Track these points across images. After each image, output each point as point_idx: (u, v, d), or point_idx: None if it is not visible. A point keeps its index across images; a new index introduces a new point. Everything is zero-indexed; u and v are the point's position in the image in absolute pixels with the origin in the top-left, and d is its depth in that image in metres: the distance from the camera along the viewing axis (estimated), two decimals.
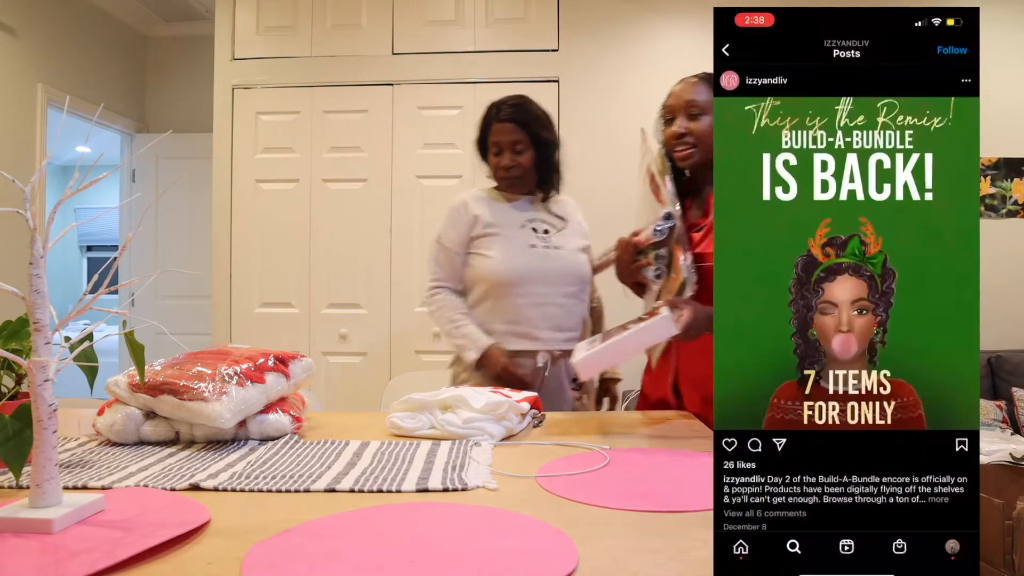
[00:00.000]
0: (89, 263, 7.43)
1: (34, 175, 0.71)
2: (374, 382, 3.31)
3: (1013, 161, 3.34)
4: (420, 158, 3.37)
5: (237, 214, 3.44)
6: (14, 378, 0.97)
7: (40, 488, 0.70)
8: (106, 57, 4.16)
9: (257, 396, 1.13)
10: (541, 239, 1.75)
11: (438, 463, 0.97)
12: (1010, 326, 3.32)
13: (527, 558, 0.63)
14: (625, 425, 1.30)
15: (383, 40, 3.42)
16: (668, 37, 3.39)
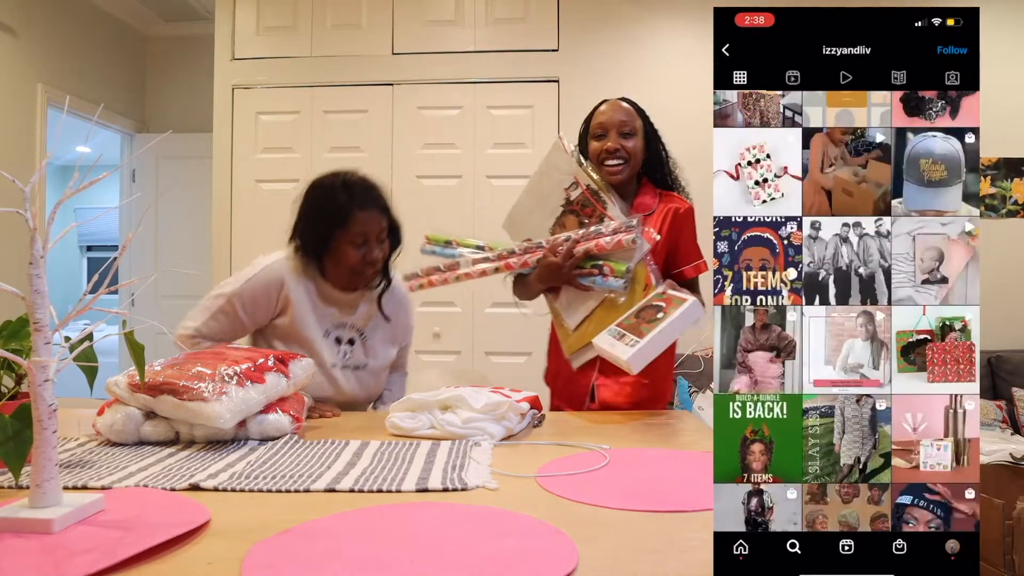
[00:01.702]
0: (89, 263, 7.42)
1: (34, 175, 0.71)
2: None
3: (1013, 161, 3.34)
4: (420, 158, 3.37)
5: (237, 214, 3.44)
6: (14, 378, 0.97)
7: (40, 488, 0.70)
8: (106, 57, 4.15)
9: (257, 396, 1.13)
10: (341, 356, 1.54)
11: (438, 463, 0.97)
12: (1010, 326, 3.32)
13: (527, 558, 0.63)
14: (625, 425, 1.30)
15: (383, 40, 3.42)
16: (668, 37, 3.39)
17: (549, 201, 1.55)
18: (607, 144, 1.53)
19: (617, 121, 1.55)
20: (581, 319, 1.52)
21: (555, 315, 1.59)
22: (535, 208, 1.58)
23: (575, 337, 1.53)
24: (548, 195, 1.55)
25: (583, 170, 1.51)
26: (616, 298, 1.46)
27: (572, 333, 1.54)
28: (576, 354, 1.54)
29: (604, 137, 1.55)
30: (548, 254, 1.47)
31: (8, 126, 3.37)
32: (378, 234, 1.54)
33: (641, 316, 1.36)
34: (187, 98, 4.45)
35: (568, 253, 1.44)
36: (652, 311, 1.34)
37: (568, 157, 1.52)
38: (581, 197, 1.51)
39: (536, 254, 1.50)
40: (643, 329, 1.31)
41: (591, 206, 1.50)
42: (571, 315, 1.53)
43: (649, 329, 1.29)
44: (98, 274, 0.78)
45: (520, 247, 1.54)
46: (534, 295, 1.60)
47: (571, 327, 1.54)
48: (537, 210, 1.57)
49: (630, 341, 1.30)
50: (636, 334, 1.31)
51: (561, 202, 1.54)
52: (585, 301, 1.51)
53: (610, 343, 1.35)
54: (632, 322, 1.36)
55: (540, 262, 1.49)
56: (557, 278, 1.48)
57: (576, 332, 1.53)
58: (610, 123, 1.55)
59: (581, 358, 1.54)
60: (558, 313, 1.57)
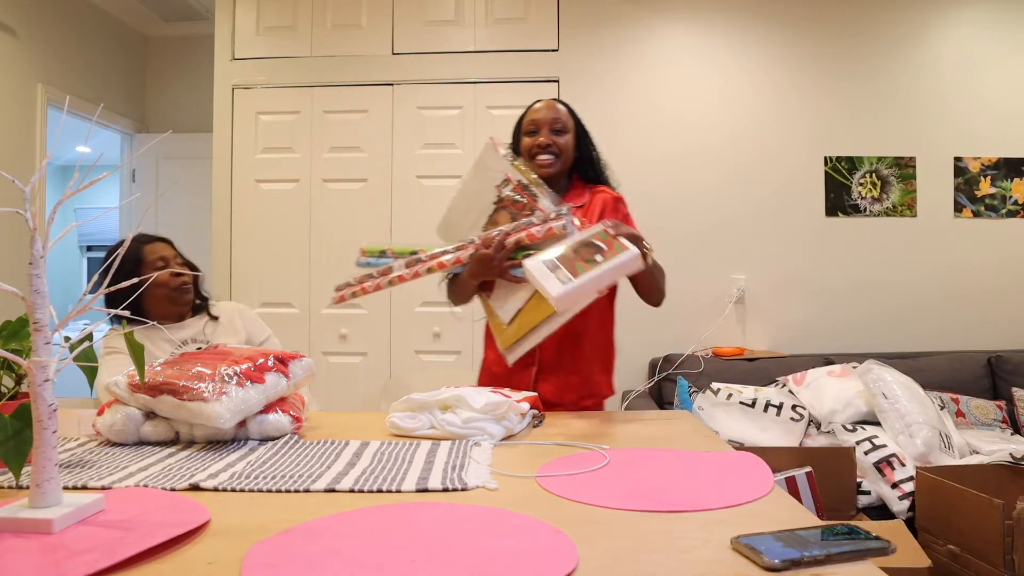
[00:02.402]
0: (89, 263, 7.42)
1: (34, 175, 0.71)
2: (374, 382, 3.32)
3: (1013, 161, 3.34)
4: (420, 158, 3.37)
5: (237, 214, 3.44)
6: (14, 378, 0.97)
7: (40, 488, 0.70)
8: (106, 57, 4.15)
9: (257, 396, 1.13)
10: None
11: (438, 463, 0.97)
12: (1010, 326, 3.32)
13: (527, 558, 0.63)
14: (625, 425, 1.30)
15: (383, 40, 3.42)
16: (668, 37, 3.39)
17: (481, 200, 1.54)
18: (539, 139, 1.59)
19: (550, 118, 1.60)
20: (515, 312, 1.48)
21: (489, 313, 1.56)
22: (468, 210, 1.56)
23: (510, 331, 1.50)
24: (480, 194, 1.54)
25: (514, 166, 1.51)
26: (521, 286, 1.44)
27: (507, 328, 1.50)
28: (511, 348, 1.50)
29: (536, 133, 1.60)
30: (480, 248, 1.46)
31: (8, 126, 3.37)
32: (174, 256, 1.77)
33: (579, 253, 1.30)
34: (187, 98, 4.45)
35: (500, 244, 1.43)
36: (591, 250, 1.29)
37: (499, 156, 1.52)
38: (512, 192, 1.50)
39: (468, 250, 1.48)
40: (578, 268, 1.26)
41: (522, 200, 1.48)
42: (505, 309, 1.50)
43: (584, 269, 1.25)
44: (98, 274, 0.78)
45: (453, 247, 1.52)
46: (469, 294, 1.57)
47: (505, 321, 1.50)
48: (470, 211, 1.56)
49: (563, 277, 1.25)
50: (571, 271, 1.26)
51: (493, 199, 1.53)
52: (518, 292, 1.48)
53: (543, 273, 1.28)
54: (569, 256, 1.30)
55: (472, 257, 1.47)
56: (489, 271, 1.46)
57: (511, 326, 1.49)
58: (543, 120, 1.60)
59: (516, 352, 1.50)
60: (492, 311, 1.54)
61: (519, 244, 1.43)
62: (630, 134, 3.37)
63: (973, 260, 3.34)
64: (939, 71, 3.35)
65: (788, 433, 2.58)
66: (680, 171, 3.36)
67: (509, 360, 1.52)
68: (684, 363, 3.12)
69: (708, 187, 3.37)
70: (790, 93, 3.37)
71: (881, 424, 2.47)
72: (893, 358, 3.00)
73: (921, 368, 3.00)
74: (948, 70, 3.35)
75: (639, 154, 3.35)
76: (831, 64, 3.36)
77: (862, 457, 2.33)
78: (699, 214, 3.37)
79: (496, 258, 1.43)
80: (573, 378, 1.61)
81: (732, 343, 3.33)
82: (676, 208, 3.35)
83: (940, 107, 3.35)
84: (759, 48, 3.37)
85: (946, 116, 3.35)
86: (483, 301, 1.57)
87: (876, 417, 2.50)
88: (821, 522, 0.71)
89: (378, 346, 3.37)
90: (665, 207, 3.33)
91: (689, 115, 3.39)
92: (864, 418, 2.54)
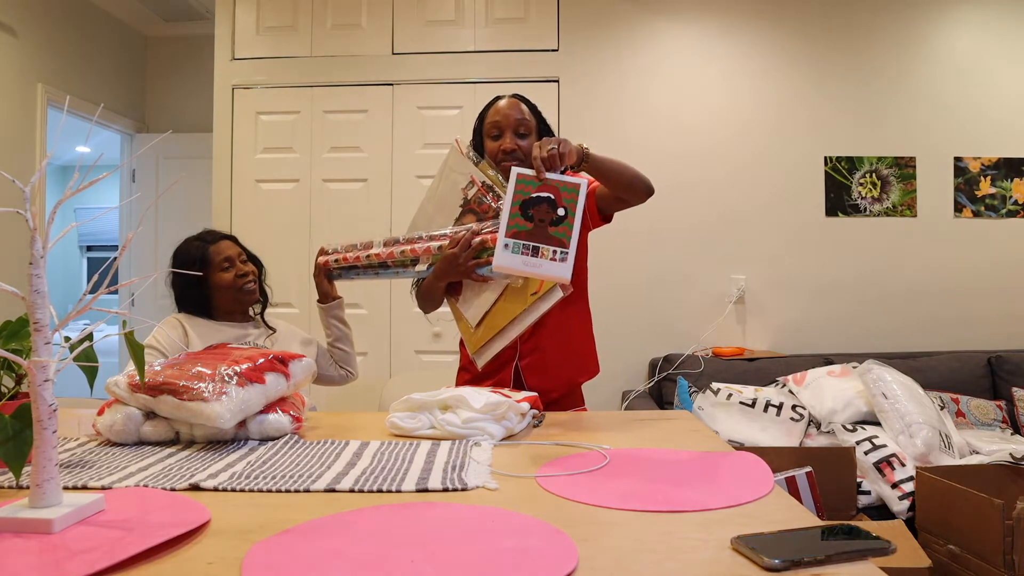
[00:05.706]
0: (89, 263, 7.43)
1: (34, 175, 0.71)
2: (374, 382, 3.31)
3: (1013, 161, 3.34)
4: (420, 158, 3.37)
5: (237, 214, 3.44)
6: (14, 378, 0.97)
7: (40, 488, 0.70)
8: (106, 57, 4.15)
9: (257, 396, 1.13)
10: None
11: (438, 463, 0.97)
12: (1010, 326, 3.32)
13: (527, 558, 0.63)
14: (625, 425, 1.30)
15: (383, 40, 3.42)
16: (668, 37, 3.39)
17: (448, 203, 1.55)
18: (504, 144, 1.55)
19: (513, 121, 1.56)
20: (483, 313, 1.49)
21: (457, 318, 1.56)
22: (436, 213, 1.58)
23: (479, 334, 1.50)
24: (447, 197, 1.56)
25: (478, 168, 1.52)
26: (515, 283, 1.44)
27: (475, 331, 1.50)
28: (480, 351, 1.50)
29: (500, 137, 1.57)
30: (448, 247, 1.48)
31: (8, 126, 3.37)
32: (239, 255, 1.88)
33: (539, 213, 1.26)
34: (187, 98, 4.46)
35: (465, 244, 1.44)
36: (545, 207, 1.25)
37: (463, 158, 1.53)
38: (477, 194, 1.51)
39: (439, 240, 1.51)
40: (554, 234, 1.23)
41: (487, 202, 1.50)
42: (472, 311, 1.51)
43: (562, 233, 1.23)
44: (98, 274, 0.78)
45: (427, 235, 1.55)
46: (438, 298, 1.58)
47: (473, 323, 1.50)
48: (438, 215, 1.57)
49: (554, 254, 1.23)
50: (555, 242, 1.23)
51: (460, 202, 1.54)
52: (484, 293, 1.48)
53: (531, 264, 1.24)
54: (534, 230, 1.25)
55: (440, 257, 1.49)
56: (455, 270, 1.47)
57: (479, 328, 1.50)
58: (506, 123, 1.57)
59: (486, 355, 1.50)
60: (460, 315, 1.54)
61: (483, 245, 1.44)
62: (630, 134, 3.37)
63: (973, 260, 3.34)
64: (939, 71, 3.35)
65: (788, 433, 2.58)
66: (680, 171, 3.36)
67: (479, 364, 1.51)
68: (684, 363, 3.12)
69: (708, 187, 3.37)
70: (790, 93, 3.37)
71: (881, 424, 2.47)
72: (893, 358, 3.00)
73: (921, 368, 3.00)
74: (948, 70, 3.35)
75: (639, 154, 3.35)
76: (831, 64, 3.36)
77: (862, 457, 2.33)
78: (699, 214, 3.37)
79: (462, 257, 1.45)
80: (561, 363, 1.62)
81: (732, 343, 3.33)
82: (676, 208, 3.35)
83: (940, 107, 3.35)
84: (759, 48, 3.37)
85: (946, 116, 3.34)
86: (451, 305, 1.58)
87: (876, 417, 2.50)
88: (821, 522, 0.71)
89: (378, 346, 3.37)
90: (665, 207, 3.33)
91: (689, 115, 3.39)
92: (864, 418, 2.54)
